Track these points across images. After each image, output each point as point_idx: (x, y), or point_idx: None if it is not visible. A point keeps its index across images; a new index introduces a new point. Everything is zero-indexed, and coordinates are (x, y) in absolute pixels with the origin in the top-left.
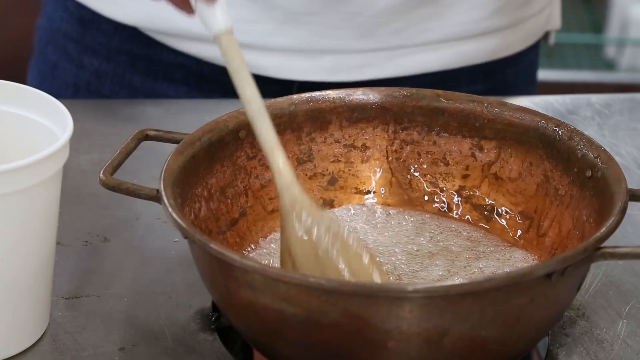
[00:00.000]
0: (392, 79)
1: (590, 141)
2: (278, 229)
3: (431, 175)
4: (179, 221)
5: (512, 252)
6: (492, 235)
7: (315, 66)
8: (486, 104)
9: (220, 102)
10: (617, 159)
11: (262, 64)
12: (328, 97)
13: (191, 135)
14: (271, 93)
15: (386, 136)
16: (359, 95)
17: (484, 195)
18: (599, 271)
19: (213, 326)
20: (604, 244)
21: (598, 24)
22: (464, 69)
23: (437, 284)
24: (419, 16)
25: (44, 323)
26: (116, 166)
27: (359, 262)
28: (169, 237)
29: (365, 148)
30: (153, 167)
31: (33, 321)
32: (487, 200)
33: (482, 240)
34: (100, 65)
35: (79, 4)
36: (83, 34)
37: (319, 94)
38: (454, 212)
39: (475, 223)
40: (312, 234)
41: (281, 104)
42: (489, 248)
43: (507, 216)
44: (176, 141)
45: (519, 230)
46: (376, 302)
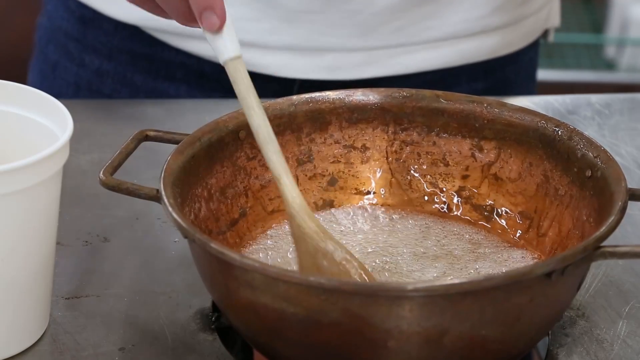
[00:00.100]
0: (393, 77)
1: (590, 141)
2: (275, 226)
3: (431, 175)
4: (179, 221)
5: (511, 253)
6: (492, 236)
7: (316, 64)
8: (486, 105)
9: (221, 102)
10: (617, 159)
11: (262, 62)
12: (328, 98)
13: (191, 135)
14: (271, 92)
15: (386, 137)
16: (358, 96)
17: (483, 196)
18: (599, 271)
19: (213, 326)
20: (603, 243)
21: (598, 24)
22: (464, 67)
23: (437, 283)
24: (419, 14)
25: (44, 323)
26: (116, 166)
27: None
28: (169, 237)
29: (365, 149)
30: (153, 167)
31: (33, 321)
32: (487, 200)
33: (482, 242)
34: (101, 64)
35: (80, 2)
36: (84, 33)
37: (318, 94)
38: (454, 212)
39: (476, 223)
40: (327, 257)
41: (281, 104)
42: (489, 249)
43: (507, 216)
44: (176, 142)
45: (518, 231)
46: (376, 301)
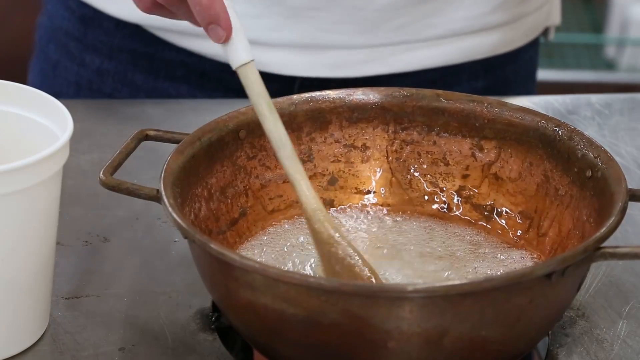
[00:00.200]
0: (394, 75)
1: (590, 141)
2: (275, 224)
3: (431, 175)
4: (179, 221)
5: (511, 253)
6: (492, 237)
7: (318, 62)
8: (486, 104)
9: (221, 102)
10: (617, 159)
11: (263, 60)
12: (328, 97)
13: (191, 135)
14: (272, 90)
15: (386, 136)
16: (359, 95)
17: (483, 195)
18: (599, 271)
19: (213, 326)
20: (604, 244)
21: (598, 24)
22: (464, 66)
23: (437, 284)
24: (421, 12)
25: (44, 323)
26: (116, 166)
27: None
28: (169, 237)
29: (365, 148)
30: (153, 167)
31: (33, 321)
32: (487, 200)
33: (482, 242)
34: (101, 63)
35: (80, 2)
36: (85, 32)
37: (319, 94)
38: (454, 212)
39: (475, 223)
40: (340, 263)
41: (281, 104)
42: (488, 250)
43: (507, 216)
44: (176, 141)
45: (519, 231)
46: (376, 302)
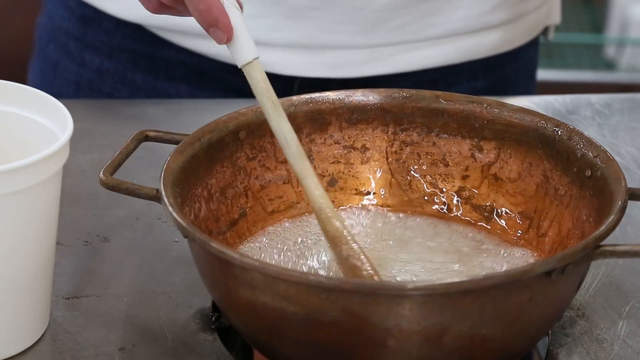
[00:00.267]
0: (394, 75)
1: (590, 141)
2: (275, 224)
3: (431, 176)
4: (179, 220)
5: (512, 250)
6: (493, 236)
7: (318, 62)
8: (485, 105)
9: (221, 102)
10: (617, 159)
11: (264, 60)
12: (328, 99)
13: (191, 135)
14: (273, 90)
15: (386, 137)
16: (358, 97)
17: (483, 196)
18: (599, 271)
19: (213, 326)
20: (603, 242)
21: (598, 24)
22: (464, 65)
23: (437, 281)
24: (421, 11)
25: (44, 323)
26: (116, 166)
27: None
28: (169, 237)
29: (365, 149)
30: (153, 167)
31: (33, 321)
32: (486, 200)
33: (484, 240)
34: (101, 63)
35: (80, 1)
36: (84, 32)
37: (318, 95)
38: (454, 213)
39: (475, 224)
40: (342, 263)
41: (281, 105)
42: (491, 246)
43: (507, 216)
44: (176, 142)
45: (518, 231)
46: (376, 300)
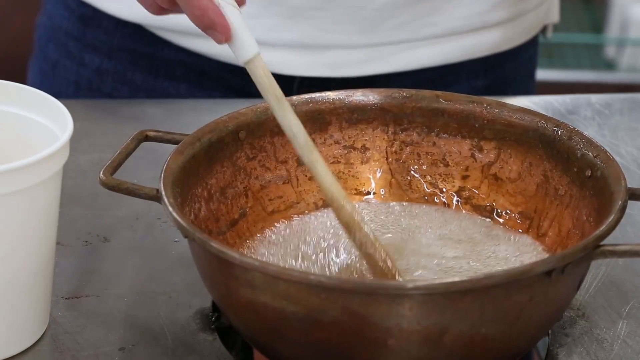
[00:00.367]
0: (393, 74)
1: (590, 141)
2: (278, 224)
3: (431, 176)
4: (179, 220)
5: (521, 237)
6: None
7: (318, 62)
8: (485, 105)
9: (221, 102)
10: (617, 159)
11: (265, 60)
12: (328, 98)
13: (191, 135)
14: None
15: (386, 137)
16: (358, 97)
17: (483, 196)
18: (599, 271)
19: (213, 326)
20: (603, 242)
21: (598, 24)
22: (464, 64)
23: (437, 281)
24: (421, 10)
25: (44, 323)
26: (116, 166)
27: None
28: (169, 237)
29: (365, 149)
30: (153, 167)
31: (33, 321)
32: (487, 201)
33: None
34: (101, 62)
35: (80, 1)
36: (84, 32)
37: (318, 95)
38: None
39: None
40: (357, 249)
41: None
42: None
43: (507, 216)
44: (176, 142)
45: (519, 230)
46: (376, 300)
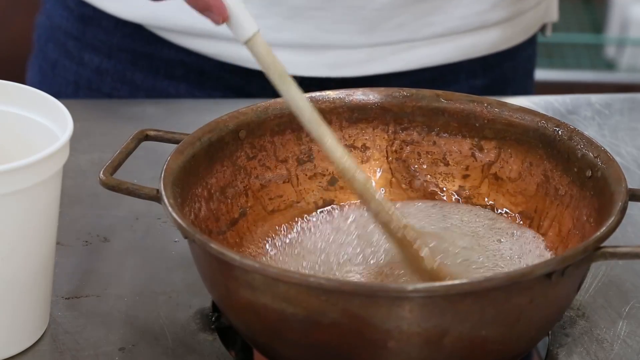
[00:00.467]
0: (393, 74)
1: (590, 141)
2: (283, 225)
3: (431, 175)
4: (179, 221)
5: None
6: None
7: (318, 62)
8: (486, 104)
9: (221, 102)
10: (617, 159)
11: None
12: (328, 98)
13: (191, 135)
14: (272, 89)
15: (386, 136)
16: (358, 96)
17: (483, 196)
18: (599, 271)
19: (213, 326)
20: (604, 244)
21: (598, 24)
22: (463, 64)
23: (437, 283)
24: (420, 10)
25: (44, 323)
26: (116, 166)
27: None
28: (169, 237)
29: (365, 148)
30: (153, 167)
31: (33, 321)
32: (487, 200)
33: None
34: (100, 62)
35: (79, 1)
36: (83, 31)
37: (318, 94)
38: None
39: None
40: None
41: (281, 104)
42: (505, 224)
43: (507, 216)
44: (176, 141)
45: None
46: (376, 302)
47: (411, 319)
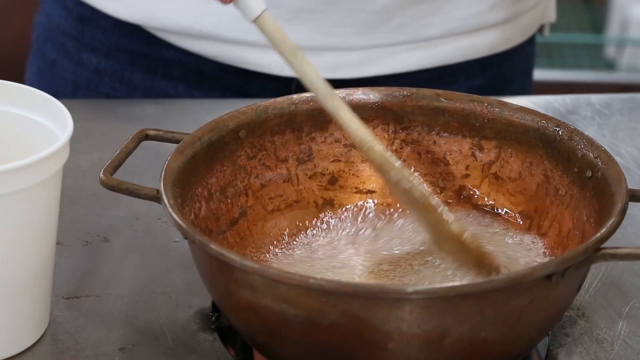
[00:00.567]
0: (391, 75)
1: (591, 141)
2: (286, 227)
3: (431, 175)
4: (179, 221)
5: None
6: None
7: (317, 64)
8: (486, 104)
9: (220, 102)
10: (617, 159)
11: (263, 61)
12: None
13: (191, 135)
14: (270, 89)
15: (386, 136)
16: (359, 95)
17: (484, 195)
18: (599, 271)
19: (213, 326)
20: (604, 245)
21: (598, 24)
22: (462, 64)
23: (437, 285)
24: (419, 12)
25: (44, 323)
26: (116, 166)
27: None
28: (169, 237)
29: None
30: (153, 167)
31: (33, 321)
32: (487, 200)
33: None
34: (99, 62)
35: (78, 1)
36: (82, 32)
37: None
38: (454, 212)
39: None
40: (394, 186)
41: (281, 103)
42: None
43: (507, 216)
44: (176, 141)
45: (519, 222)
46: (376, 304)
47: (411, 320)
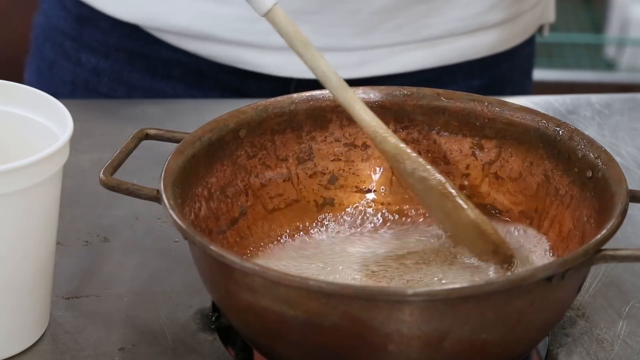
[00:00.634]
0: (390, 76)
1: (591, 141)
2: (285, 227)
3: None
4: (179, 222)
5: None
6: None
7: None
8: (486, 103)
9: (220, 101)
10: (617, 159)
11: (262, 62)
12: (328, 96)
13: (191, 134)
14: (269, 90)
15: None
16: (359, 95)
17: (484, 195)
18: (599, 271)
19: (213, 326)
20: (604, 246)
21: (598, 24)
22: (461, 65)
23: (437, 287)
24: (417, 12)
25: (44, 323)
26: (116, 166)
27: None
28: (169, 237)
29: (365, 147)
30: (153, 167)
31: (33, 321)
32: (487, 199)
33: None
34: (98, 62)
35: (76, 1)
36: (81, 32)
37: (319, 93)
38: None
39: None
40: (409, 177)
41: (281, 102)
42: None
43: (508, 215)
44: (176, 140)
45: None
46: (376, 306)
47: (411, 322)
